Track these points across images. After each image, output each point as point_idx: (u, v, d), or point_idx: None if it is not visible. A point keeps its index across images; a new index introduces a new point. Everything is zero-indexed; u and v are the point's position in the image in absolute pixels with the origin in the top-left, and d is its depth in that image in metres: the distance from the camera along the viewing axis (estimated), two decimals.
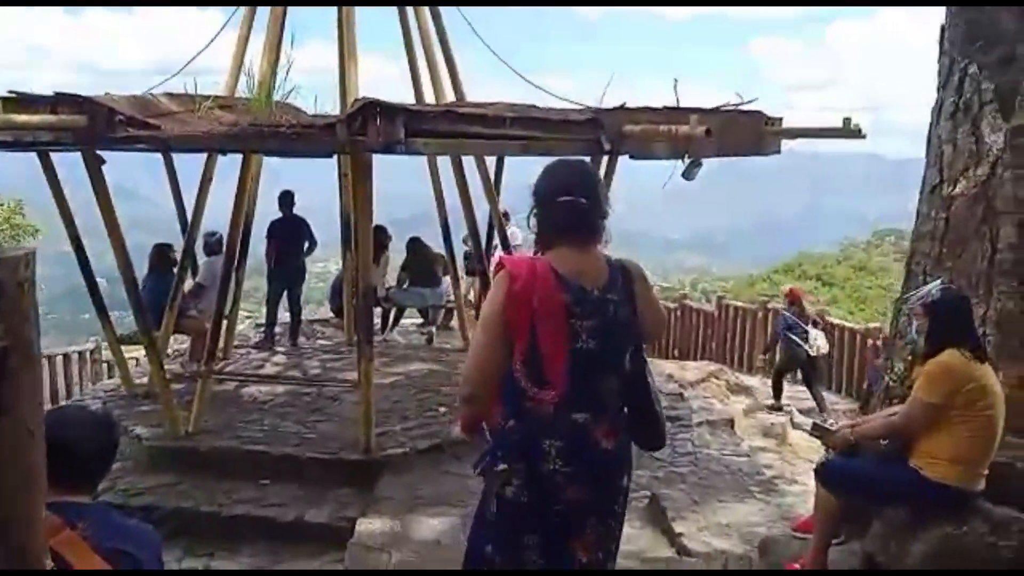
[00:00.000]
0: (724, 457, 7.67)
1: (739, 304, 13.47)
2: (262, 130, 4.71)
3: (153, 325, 8.03)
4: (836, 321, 12.02)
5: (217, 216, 8.88)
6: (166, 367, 8.97)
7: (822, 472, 4.02)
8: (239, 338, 10.51)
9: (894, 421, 3.82)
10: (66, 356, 11.39)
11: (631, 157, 5.41)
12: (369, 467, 6.24)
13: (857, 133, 6.01)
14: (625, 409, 2.65)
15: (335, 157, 7.70)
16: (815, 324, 10.52)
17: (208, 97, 5.04)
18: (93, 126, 4.61)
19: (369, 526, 5.36)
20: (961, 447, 3.60)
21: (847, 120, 5.97)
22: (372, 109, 4.57)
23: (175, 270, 8.02)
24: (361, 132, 4.58)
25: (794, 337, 10.31)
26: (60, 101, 4.71)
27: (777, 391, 10.45)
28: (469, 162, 8.26)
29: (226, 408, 7.36)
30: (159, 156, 7.57)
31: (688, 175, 5.56)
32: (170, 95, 5.25)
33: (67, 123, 4.58)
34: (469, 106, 5.52)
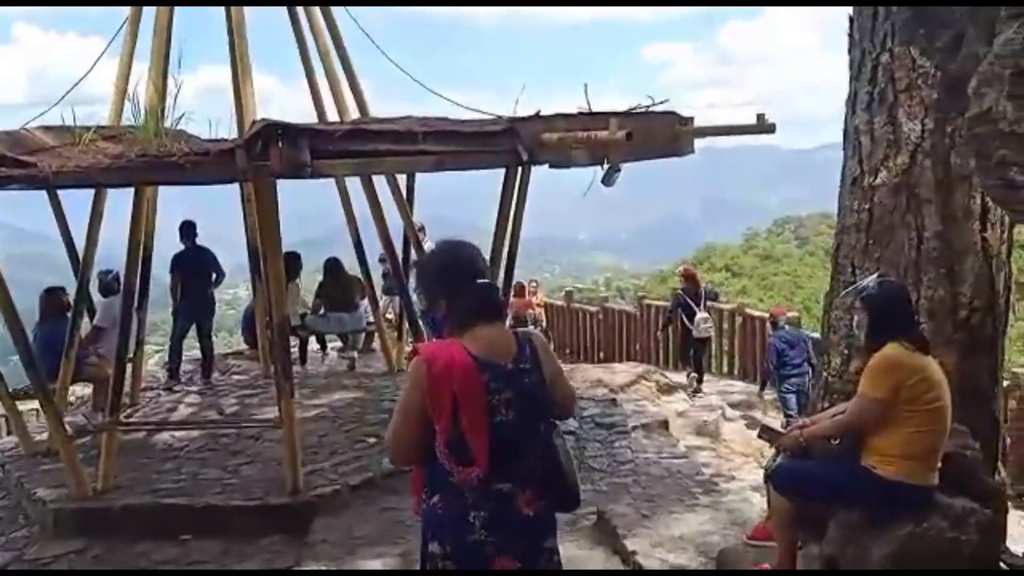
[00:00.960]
0: (663, 460, 7.60)
1: (660, 303, 13.53)
2: (152, 160, 4.32)
3: (50, 376, 7.46)
4: (754, 313, 12.17)
5: (112, 253, 8.33)
6: (69, 419, 8.38)
7: (774, 476, 3.92)
8: (148, 380, 9.93)
9: (842, 420, 3.74)
10: None
11: (551, 166, 5.25)
12: (300, 510, 5.89)
13: (771, 129, 6.01)
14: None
15: None
16: (710, 299, 11.23)
17: (89, 128, 4.61)
18: None
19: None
20: (912, 442, 3.54)
21: (761, 116, 5.97)
22: (273, 131, 4.25)
23: (69, 314, 7.43)
24: (263, 157, 4.26)
25: (683, 317, 10.90)
26: None
27: (698, 375, 10.89)
28: (380, 178, 7.95)
29: (138, 459, 6.86)
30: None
31: (608, 181, 5.44)
32: (46, 128, 4.78)
33: None
34: (378, 123, 5.25)
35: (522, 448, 2.59)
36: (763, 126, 5.98)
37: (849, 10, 4.88)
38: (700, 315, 10.76)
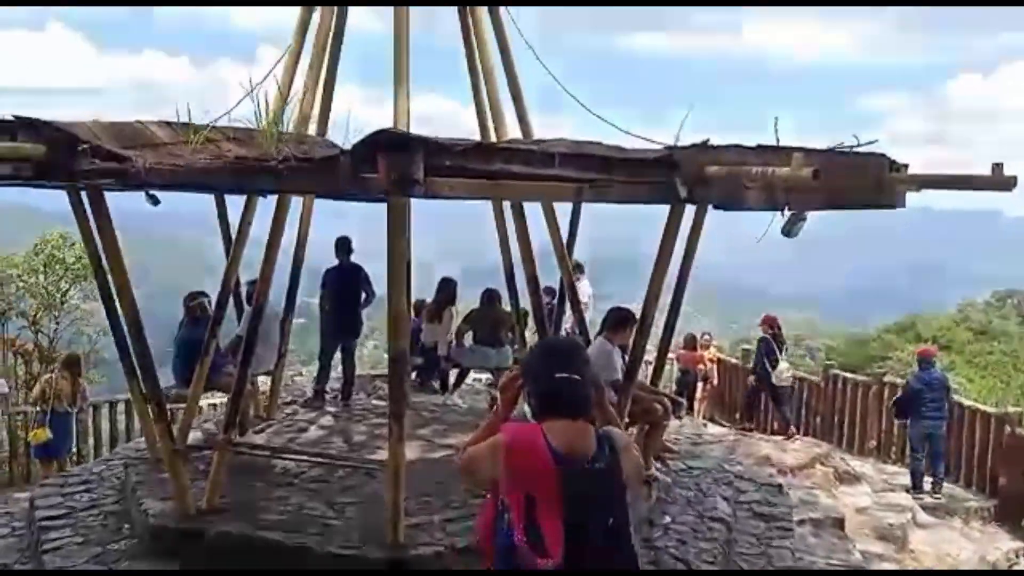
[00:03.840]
0: (831, 568, 6.42)
1: (850, 376, 12.00)
2: (245, 164, 3.88)
3: (183, 382, 7.37)
4: (965, 402, 10.41)
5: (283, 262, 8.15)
6: (203, 427, 8.31)
7: None
8: (294, 393, 9.82)
9: None
10: (111, 404, 11.04)
11: (715, 206, 4.35)
12: (394, 569, 5.27)
13: (1010, 184, 4.74)
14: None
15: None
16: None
17: (206, 127, 4.26)
18: (53, 156, 3.90)
19: None
20: None
21: (998, 166, 4.72)
22: (384, 140, 3.68)
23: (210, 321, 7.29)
24: (370, 169, 3.70)
25: (767, 364, 11.13)
26: (19, 127, 4.02)
27: (749, 412, 11.60)
28: (536, 208, 7.27)
29: (252, 481, 6.53)
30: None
31: (789, 231, 4.45)
32: (166, 123, 4.49)
33: (22, 152, 3.86)
34: (512, 142, 4.58)
35: (593, 541, 2.71)
36: (1001, 180, 4.73)
37: None
38: (783, 364, 11.19)
